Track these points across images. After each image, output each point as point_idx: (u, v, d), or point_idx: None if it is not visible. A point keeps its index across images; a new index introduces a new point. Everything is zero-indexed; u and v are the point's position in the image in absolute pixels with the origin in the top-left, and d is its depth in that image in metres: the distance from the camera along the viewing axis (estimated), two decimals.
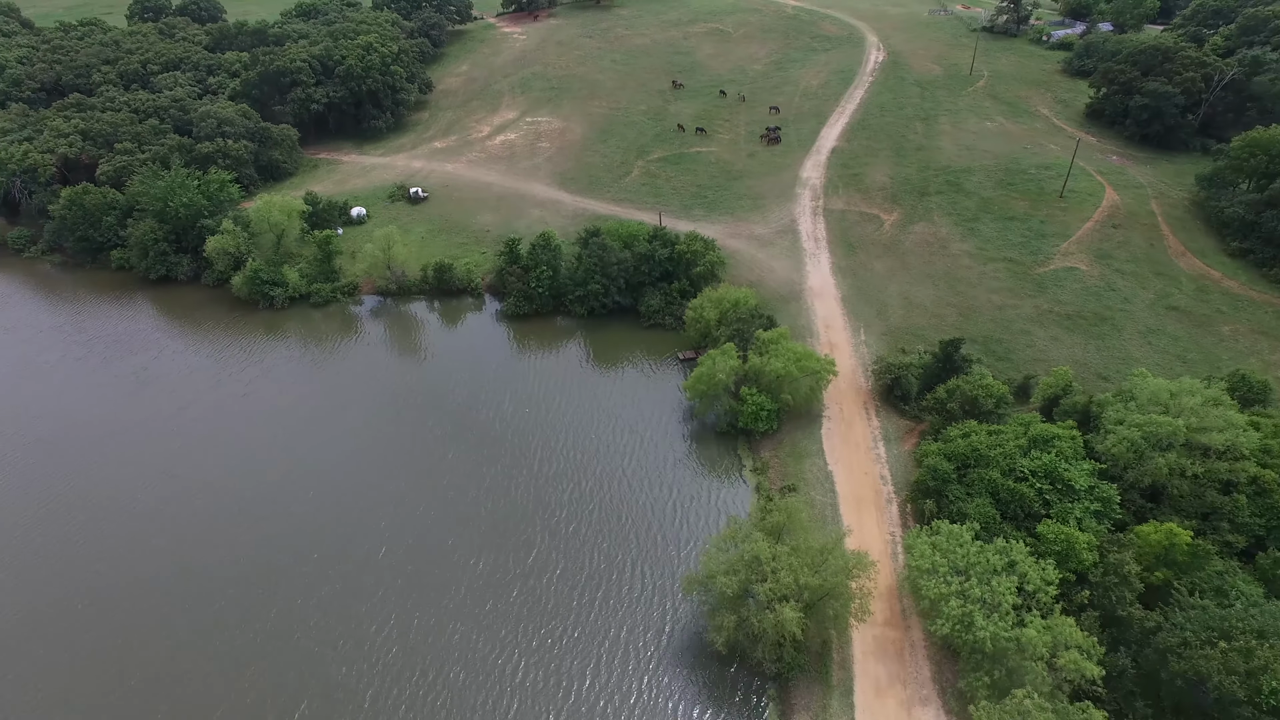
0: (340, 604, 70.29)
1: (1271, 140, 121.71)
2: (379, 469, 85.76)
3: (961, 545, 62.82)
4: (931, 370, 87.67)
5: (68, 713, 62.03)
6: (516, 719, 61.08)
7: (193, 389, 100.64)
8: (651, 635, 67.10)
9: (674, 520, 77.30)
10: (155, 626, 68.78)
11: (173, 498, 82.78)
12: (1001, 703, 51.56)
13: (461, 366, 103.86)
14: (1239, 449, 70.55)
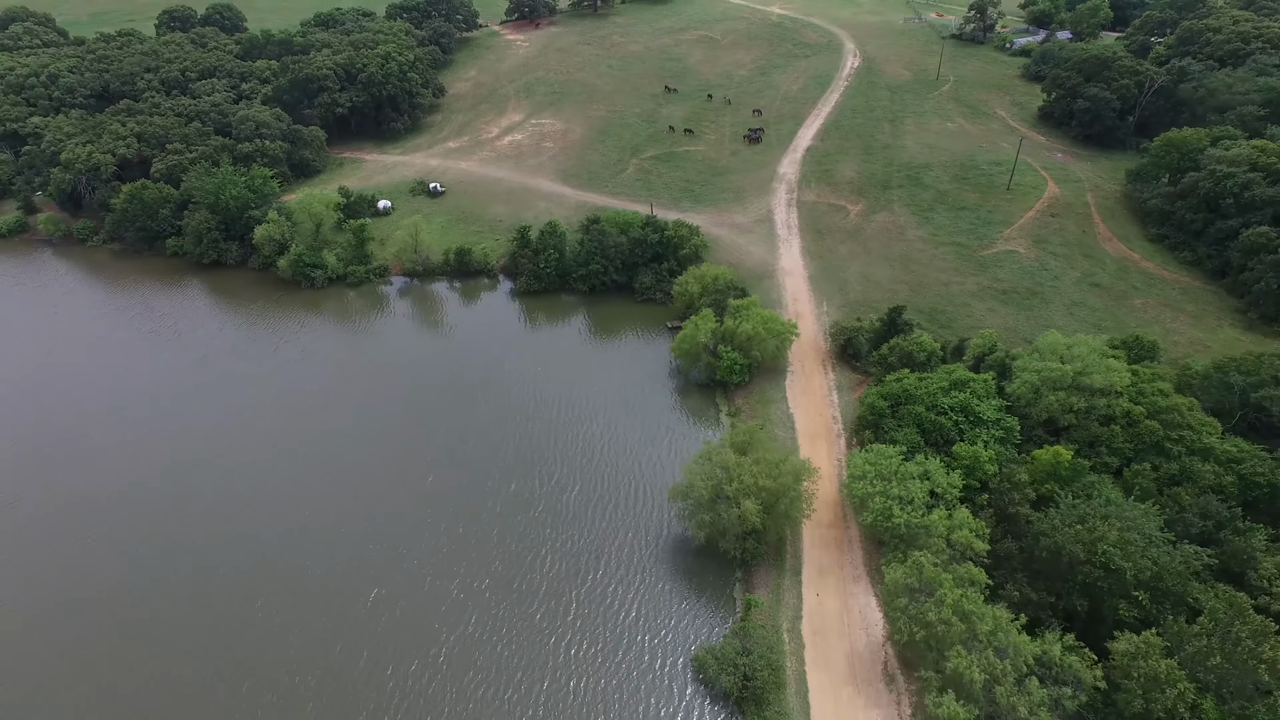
0: (405, 514, 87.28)
1: (1185, 140, 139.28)
2: (421, 419, 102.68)
3: (889, 460, 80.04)
4: (878, 333, 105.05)
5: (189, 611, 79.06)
6: (546, 598, 77.97)
7: (255, 355, 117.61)
8: (649, 538, 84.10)
9: (665, 452, 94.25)
10: (248, 548, 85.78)
11: (249, 445, 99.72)
12: (905, 563, 68.73)
13: (482, 335, 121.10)
14: (1114, 389, 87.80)
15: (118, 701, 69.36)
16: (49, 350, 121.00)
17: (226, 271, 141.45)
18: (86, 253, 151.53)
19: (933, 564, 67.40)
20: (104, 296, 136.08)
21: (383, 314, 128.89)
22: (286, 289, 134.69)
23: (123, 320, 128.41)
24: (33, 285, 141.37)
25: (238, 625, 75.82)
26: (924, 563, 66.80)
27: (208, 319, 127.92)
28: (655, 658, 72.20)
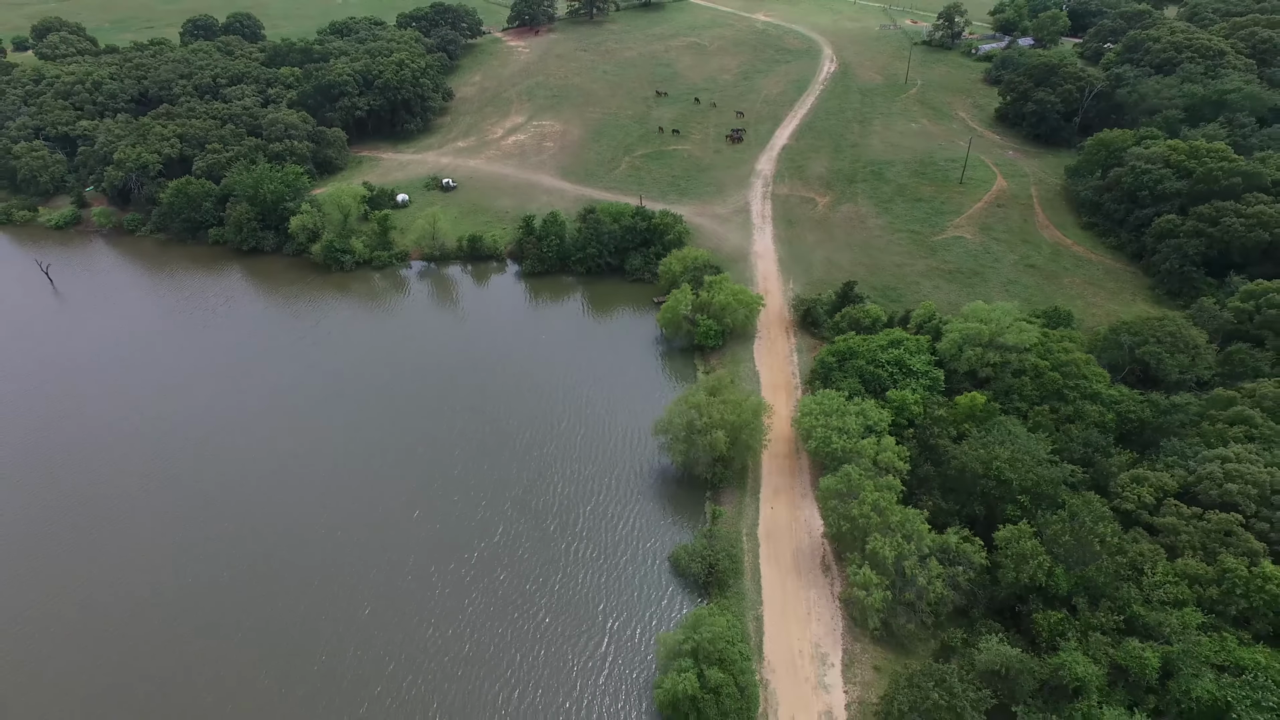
0: (436, 453, 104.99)
1: (1113, 140, 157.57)
2: (445, 380, 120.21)
3: (832, 401, 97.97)
4: (833, 304, 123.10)
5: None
6: (558, 514, 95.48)
7: (296, 328, 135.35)
8: (639, 468, 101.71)
9: (652, 403, 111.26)
10: (316, 478, 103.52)
11: (298, 404, 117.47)
12: (837, 474, 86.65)
13: (493, 311, 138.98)
14: (1024, 346, 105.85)
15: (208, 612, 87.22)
16: (106, 329, 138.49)
17: (263, 257, 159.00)
18: (135, 242, 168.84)
19: (859, 474, 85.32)
20: (153, 280, 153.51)
21: (405, 293, 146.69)
22: (318, 272, 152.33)
23: (172, 300, 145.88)
24: (88, 271, 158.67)
25: (318, 530, 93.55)
26: (851, 472, 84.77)
27: (250, 298, 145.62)
28: (644, 557, 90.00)
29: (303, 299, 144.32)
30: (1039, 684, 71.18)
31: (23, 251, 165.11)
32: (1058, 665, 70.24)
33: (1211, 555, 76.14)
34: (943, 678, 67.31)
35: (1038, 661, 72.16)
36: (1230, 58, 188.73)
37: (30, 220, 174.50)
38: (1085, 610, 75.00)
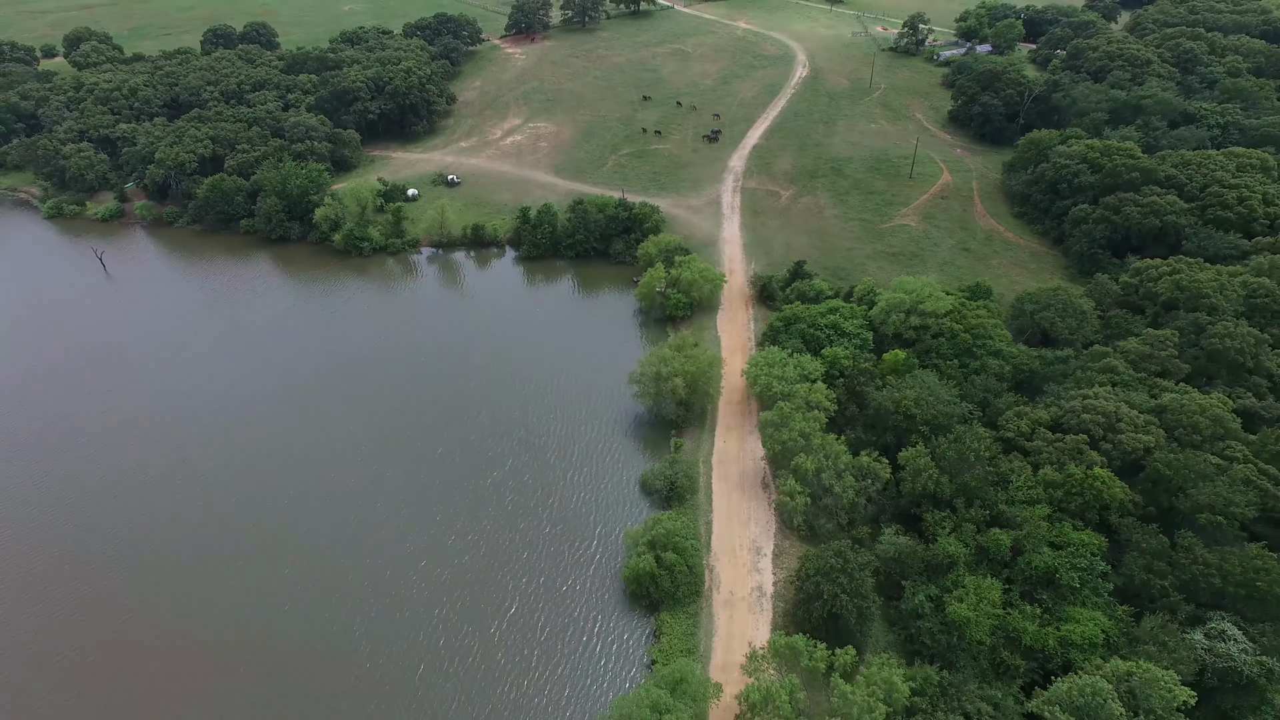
0: (454, 401, 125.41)
1: (1041, 139, 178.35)
2: (456, 347, 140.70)
3: (776, 355, 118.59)
4: (786, 280, 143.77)
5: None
6: (557, 448, 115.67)
7: (323, 304, 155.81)
8: (619, 414, 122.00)
9: (630, 361, 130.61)
10: (354, 439, 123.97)
11: (320, 379, 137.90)
12: (773, 408, 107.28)
13: (494, 290, 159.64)
14: (940, 312, 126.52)
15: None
16: (153, 306, 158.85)
17: (289, 245, 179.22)
18: (173, 232, 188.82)
19: (790, 408, 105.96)
20: (192, 265, 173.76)
21: (417, 275, 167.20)
22: (339, 257, 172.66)
23: (212, 282, 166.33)
24: (134, 257, 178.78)
25: (357, 462, 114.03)
26: (784, 407, 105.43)
27: (280, 279, 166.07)
28: (622, 480, 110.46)
29: (327, 280, 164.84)
30: (924, 564, 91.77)
31: (75, 240, 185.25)
32: (937, 549, 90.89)
33: (1062, 466, 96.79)
34: (840, 550, 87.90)
35: (923, 548, 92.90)
36: (1156, 66, 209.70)
37: (79, 214, 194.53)
38: (962, 509, 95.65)
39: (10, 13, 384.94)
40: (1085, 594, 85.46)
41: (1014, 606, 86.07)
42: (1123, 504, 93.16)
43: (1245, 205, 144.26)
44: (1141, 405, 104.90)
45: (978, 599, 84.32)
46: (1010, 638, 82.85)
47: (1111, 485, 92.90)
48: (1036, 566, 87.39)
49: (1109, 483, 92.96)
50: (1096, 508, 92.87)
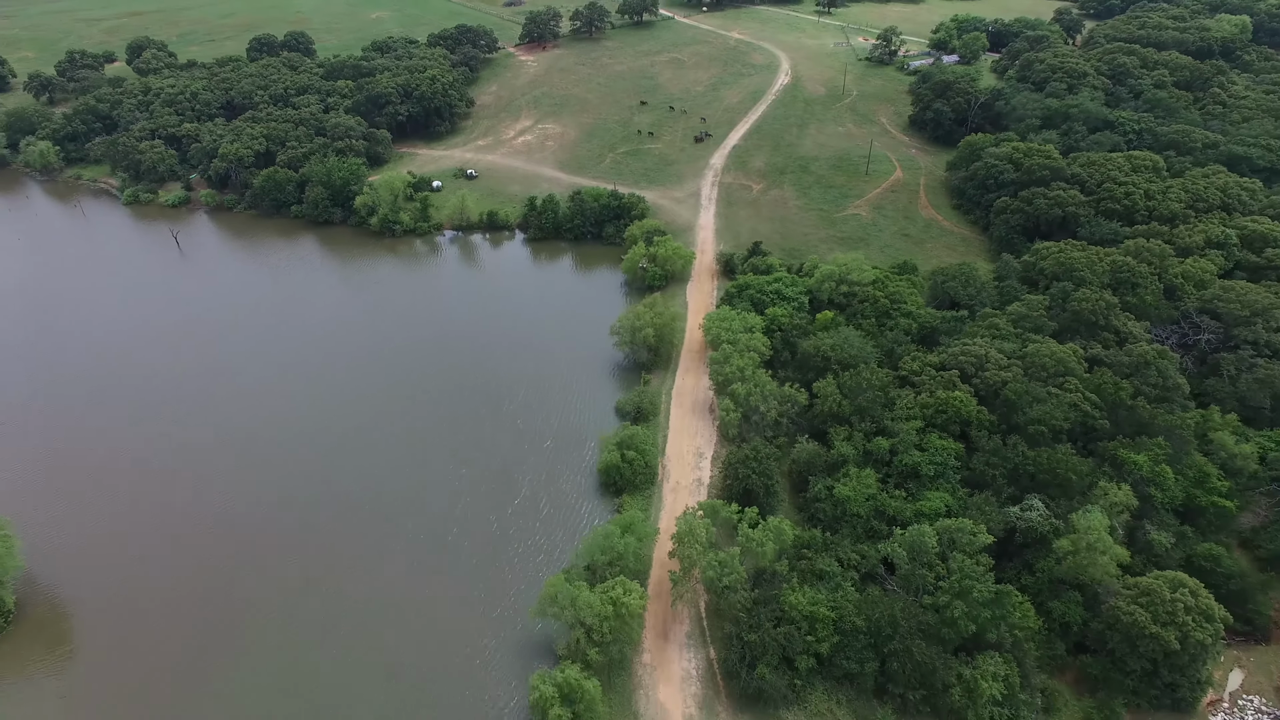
0: (472, 350, 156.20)
1: (977, 142, 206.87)
2: (472, 309, 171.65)
3: (728, 313, 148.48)
4: (745, 257, 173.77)
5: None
6: (560, 385, 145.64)
7: (366, 276, 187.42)
8: (603, 359, 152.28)
9: (614, 319, 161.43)
10: (383, 388, 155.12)
11: (359, 335, 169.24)
12: (722, 364, 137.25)
13: (505, 265, 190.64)
14: (864, 282, 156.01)
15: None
16: (220, 277, 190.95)
17: (332, 227, 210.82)
18: (232, 216, 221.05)
19: (731, 349, 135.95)
20: (251, 244, 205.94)
21: (440, 254, 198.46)
22: (374, 238, 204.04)
23: (269, 257, 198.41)
24: (201, 237, 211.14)
25: (393, 401, 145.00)
26: (727, 349, 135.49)
27: (326, 255, 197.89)
28: (603, 407, 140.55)
29: (364, 257, 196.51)
30: (825, 464, 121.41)
31: (151, 223, 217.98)
32: (834, 452, 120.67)
33: (933, 393, 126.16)
34: (755, 446, 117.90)
35: (825, 452, 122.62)
36: (1091, 78, 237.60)
37: (151, 200, 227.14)
38: (856, 423, 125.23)
39: (68, 20, 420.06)
40: (939, 482, 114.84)
41: (886, 491, 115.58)
42: (979, 420, 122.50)
43: (1130, 199, 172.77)
44: (1009, 351, 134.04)
45: (858, 484, 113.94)
46: (879, 511, 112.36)
47: (968, 405, 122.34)
48: (905, 463, 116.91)
49: (966, 403, 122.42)
50: (958, 422, 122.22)
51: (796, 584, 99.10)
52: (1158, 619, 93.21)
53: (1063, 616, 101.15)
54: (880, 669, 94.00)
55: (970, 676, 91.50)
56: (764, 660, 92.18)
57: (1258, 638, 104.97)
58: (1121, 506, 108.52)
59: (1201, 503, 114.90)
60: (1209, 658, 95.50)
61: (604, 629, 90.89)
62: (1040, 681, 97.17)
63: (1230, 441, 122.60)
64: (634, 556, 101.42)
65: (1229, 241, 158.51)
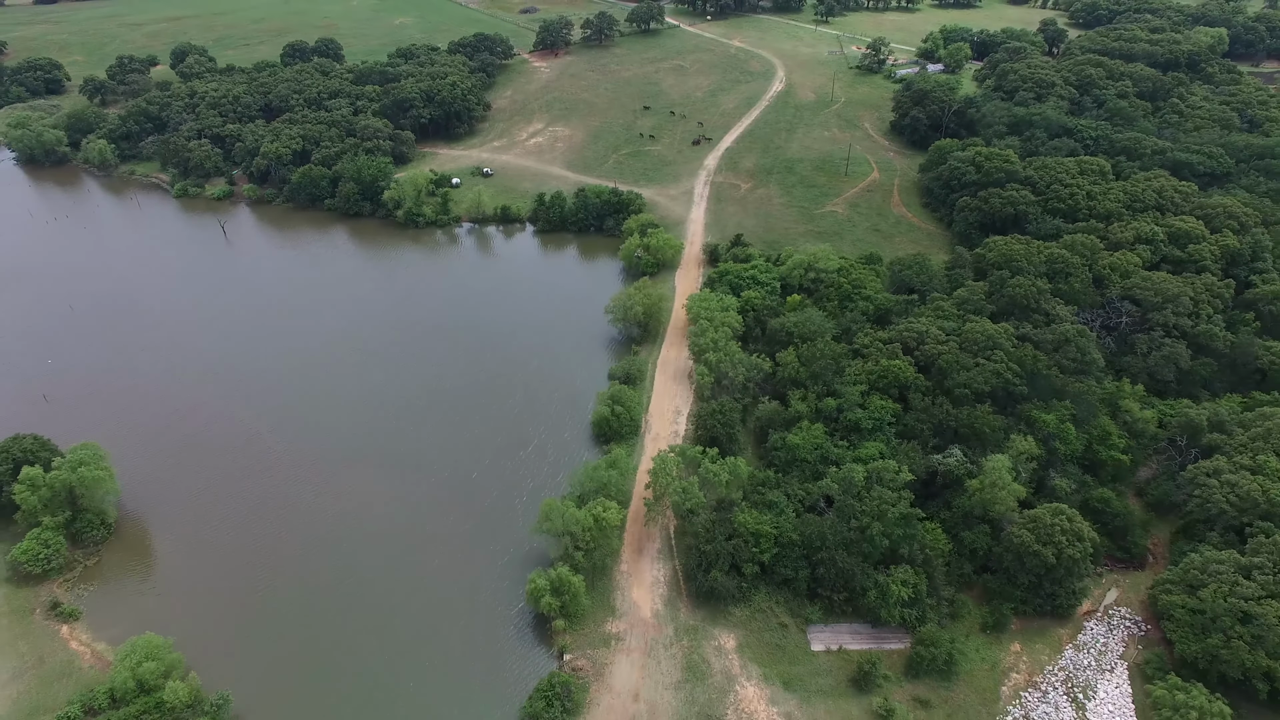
0: (487, 324, 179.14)
1: (945, 146, 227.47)
2: (485, 292, 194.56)
3: (708, 295, 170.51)
4: (727, 247, 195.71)
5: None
6: (566, 354, 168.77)
7: (392, 262, 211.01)
8: (597, 332, 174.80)
9: (609, 300, 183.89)
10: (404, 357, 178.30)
11: (384, 313, 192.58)
12: (699, 336, 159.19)
13: (516, 254, 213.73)
14: (828, 269, 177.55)
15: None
16: (262, 262, 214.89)
17: (362, 219, 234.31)
18: (271, 209, 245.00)
19: (707, 324, 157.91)
20: (288, 233, 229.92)
21: (458, 244, 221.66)
22: (400, 229, 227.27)
23: (304, 245, 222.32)
24: (244, 227, 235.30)
25: (424, 364, 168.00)
26: (704, 324, 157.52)
27: (356, 244, 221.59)
28: (599, 373, 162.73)
29: (391, 246, 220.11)
30: (783, 420, 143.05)
31: (198, 214, 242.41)
32: (790, 410, 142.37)
33: (878, 361, 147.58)
34: (722, 402, 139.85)
35: (784, 410, 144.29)
36: (1059, 88, 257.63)
37: (199, 194, 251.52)
38: (810, 386, 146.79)
39: (113, 25, 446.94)
40: (877, 434, 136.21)
41: (832, 441, 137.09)
42: (916, 384, 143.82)
43: (1074, 199, 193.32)
44: (949, 329, 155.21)
45: (808, 435, 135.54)
46: (824, 457, 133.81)
47: (906, 371, 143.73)
48: (849, 419, 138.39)
49: (905, 370, 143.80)
50: (897, 386, 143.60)
51: (747, 509, 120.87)
52: (1039, 539, 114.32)
53: (972, 544, 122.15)
54: (811, 575, 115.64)
55: (884, 582, 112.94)
56: (717, 566, 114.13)
57: (1135, 565, 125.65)
58: (1028, 455, 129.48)
59: (1102, 456, 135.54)
60: (1082, 573, 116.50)
61: (587, 537, 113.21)
62: (949, 594, 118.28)
63: (1136, 408, 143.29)
64: (616, 487, 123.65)
65: (1156, 238, 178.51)
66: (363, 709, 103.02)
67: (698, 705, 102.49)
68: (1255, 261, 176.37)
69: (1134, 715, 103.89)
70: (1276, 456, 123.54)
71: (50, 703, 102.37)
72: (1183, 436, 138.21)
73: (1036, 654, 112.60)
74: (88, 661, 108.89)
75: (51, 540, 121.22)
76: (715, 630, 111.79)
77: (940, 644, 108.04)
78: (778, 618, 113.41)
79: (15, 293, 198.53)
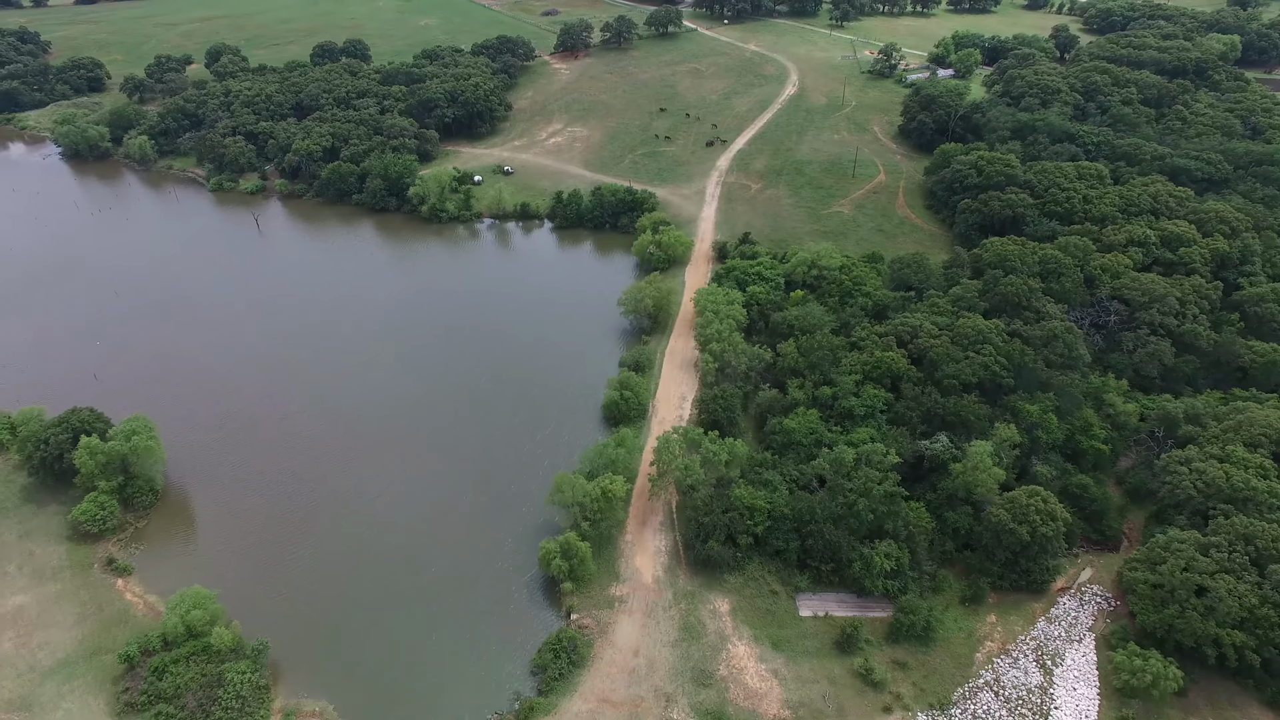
0: (506, 305, 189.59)
1: (949, 150, 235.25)
2: (505, 281, 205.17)
3: (715, 290, 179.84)
4: (736, 245, 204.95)
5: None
6: (583, 340, 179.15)
7: (414, 257, 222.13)
8: (612, 321, 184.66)
9: (619, 294, 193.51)
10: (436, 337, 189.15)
11: (411, 298, 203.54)
12: (704, 327, 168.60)
13: (535, 249, 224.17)
14: (831, 267, 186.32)
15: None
16: (294, 254, 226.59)
17: (388, 214, 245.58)
18: (301, 203, 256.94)
19: (712, 316, 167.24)
20: (318, 226, 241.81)
21: (480, 238, 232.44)
22: (424, 223, 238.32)
23: (335, 237, 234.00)
24: (276, 220, 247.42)
25: (450, 358, 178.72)
26: (709, 315, 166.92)
27: (383, 237, 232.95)
28: (611, 363, 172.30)
29: (415, 240, 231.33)
30: (782, 407, 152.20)
31: (233, 207, 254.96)
32: (789, 397, 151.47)
33: (873, 353, 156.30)
34: (723, 389, 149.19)
35: (783, 397, 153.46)
36: (1064, 94, 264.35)
37: (233, 188, 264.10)
38: (809, 376, 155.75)
39: (149, 25, 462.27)
40: (869, 421, 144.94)
41: (826, 426, 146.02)
42: (908, 375, 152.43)
43: (1070, 203, 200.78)
44: (942, 324, 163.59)
45: (804, 420, 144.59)
46: (818, 441, 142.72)
47: (899, 362, 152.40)
48: (843, 406, 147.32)
49: (898, 361, 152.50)
50: (890, 376, 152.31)
51: (744, 485, 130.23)
52: (1015, 519, 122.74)
53: (955, 523, 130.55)
54: (801, 547, 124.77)
55: (868, 555, 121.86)
56: (714, 537, 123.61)
57: (1109, 547, 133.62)
58: (1010, 442, 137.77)
59: (1083, 446, 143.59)
60: (1055, 550, 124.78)
61: (595, 508, 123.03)
62: (931, 568, 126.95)
63: (1119, 402, 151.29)
64: (623, 464, 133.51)
65: (1148, 241, 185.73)
66: (388, 658, 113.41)
67: (692, 661, 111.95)
68: (1244, 265, 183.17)
69: (1097, 680, 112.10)
70: (1244, 447, 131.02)
71: (110, 644, 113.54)
72: (1160, 429, 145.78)
73: (1011, 625, 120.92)
74: (140, 610, 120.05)
75: (106, 503, 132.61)
76: (711, 595, 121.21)
77: (919, 612, 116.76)
78: (769, 585, 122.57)
79: (65, 279, 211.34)
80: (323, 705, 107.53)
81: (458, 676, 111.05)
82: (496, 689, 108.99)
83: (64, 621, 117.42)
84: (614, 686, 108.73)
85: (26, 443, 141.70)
